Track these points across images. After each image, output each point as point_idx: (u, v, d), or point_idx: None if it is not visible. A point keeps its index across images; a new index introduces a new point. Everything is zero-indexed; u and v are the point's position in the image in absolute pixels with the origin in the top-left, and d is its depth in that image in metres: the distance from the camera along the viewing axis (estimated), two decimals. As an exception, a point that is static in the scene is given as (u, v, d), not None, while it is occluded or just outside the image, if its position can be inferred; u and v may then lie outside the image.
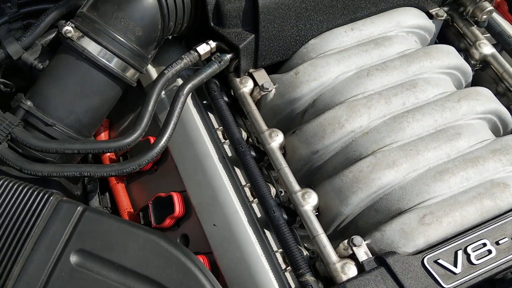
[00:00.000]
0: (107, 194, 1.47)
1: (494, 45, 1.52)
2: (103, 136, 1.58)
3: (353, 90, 1.33)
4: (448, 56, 1.40)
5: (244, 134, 1.39)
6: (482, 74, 1.55)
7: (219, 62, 1.34)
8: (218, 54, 1.35)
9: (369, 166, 1.20)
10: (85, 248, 1.01)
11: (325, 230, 1.21)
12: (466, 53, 1.53)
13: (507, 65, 1.44)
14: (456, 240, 1.11)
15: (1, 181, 1.05)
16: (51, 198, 1.04)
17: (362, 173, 1.20)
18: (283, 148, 1.34)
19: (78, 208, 1.04)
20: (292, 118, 1.40)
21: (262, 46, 1.37)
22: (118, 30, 1.26)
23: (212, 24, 1.35)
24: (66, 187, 1.30)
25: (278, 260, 1.17)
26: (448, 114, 1.28)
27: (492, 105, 1.32)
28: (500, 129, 1.38)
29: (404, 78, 1.35)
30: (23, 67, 1.33)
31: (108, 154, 1.54)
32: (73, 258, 1.00)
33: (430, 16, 1.54)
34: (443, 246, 1.10)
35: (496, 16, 1.61)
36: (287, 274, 1.16)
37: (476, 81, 1.56)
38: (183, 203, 1.34)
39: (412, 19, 1.47)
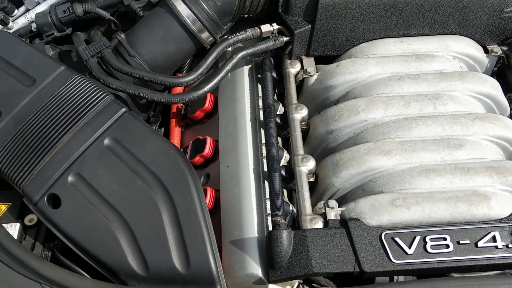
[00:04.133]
0: (162, 129, 1.78)
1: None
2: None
3: (380, 89, 1.48)
4: (483, 84, 1.48)
5: (281, 108, 1.60)
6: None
7: (275, 41, 1.59)
8: (276, 34, 1.60)
9: (366, 149, 1.35)
10: (117, 137, 1.31)
11: (319, 199, 1.37)
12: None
13: (543, 108, 1.48)
14: (419, 228, 1.21)
15: (78, 77, 1.41)
16: (107, 97, 1.37)
17: (359, 153, 1.35)
18: (307, 124, 1.53)
19: (123, 109, 1.35)
20: (327, 106, 1.58)
21: (316, 37, 1.59)
22: (202, -3, 1.58)
23: (280, 10, 1.61)
24: (131, 108, 1.63)
25: (266, 205, 1.36)
26: (458, 127, 1.37)
27: (507, 133, 1.37)
28: (516, 161, 1.42)
29: (432, 90, 1.47)
30: (129, 12, 1.71)
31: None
32: (106, 142, 1.31)
33: (486, 51, 1.63)
34: (405, 228, 1.21)
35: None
36: (269, 218, 1.34)
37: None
38: (213, 147, 1.59)
39: (462, 47, 1.58)
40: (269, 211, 1.34)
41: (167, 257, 1.17)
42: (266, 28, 1.61)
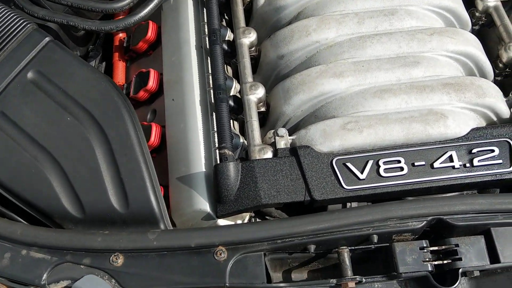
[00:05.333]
0: (104, 64, 1.64)
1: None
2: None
3: (333, 7, 1.37)
4: (443, -4, 1.37)
5: (230, 34, 1.48)
6: (489, 32, 1.50)
7: (217, -42, 1.43)
8: (220, -51, 1.45)
9: (318, 72, 1.25)
10: (41, 70, 1.18)
11: (271, 129, 1.28)
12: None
13: (506, 19, 1.39)
14: (372, 152, 1.14)
15: (-8, 5, 1.25)
16: (29, 25, 1.23)
17: (309, 77, 1.25)
18: (258, 50, 1.42)
19: (46, 38, 1.22)
20: (278, 29, 1.47)
21: (264, -49, 1.44)
22: None
23: None
24: (63, 39, 1.48)
25: (214, 138, 1.27)
26: (415, 44, 1.28)
27: (467, 48, 1.29)
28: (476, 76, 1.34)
29: (388, 6, 1.36)
30: None
31: (120, 35, 1.71)
32: (30, 75, 1.18)
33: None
34: (357, 153, 1.13)
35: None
36: (217, 152, 1.25)
37: (483, 39, 1.51)
38: (158, 80, 1.47)
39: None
40: (217, 145, 1.25)
41: (104, 197, 1.08)
42: None
